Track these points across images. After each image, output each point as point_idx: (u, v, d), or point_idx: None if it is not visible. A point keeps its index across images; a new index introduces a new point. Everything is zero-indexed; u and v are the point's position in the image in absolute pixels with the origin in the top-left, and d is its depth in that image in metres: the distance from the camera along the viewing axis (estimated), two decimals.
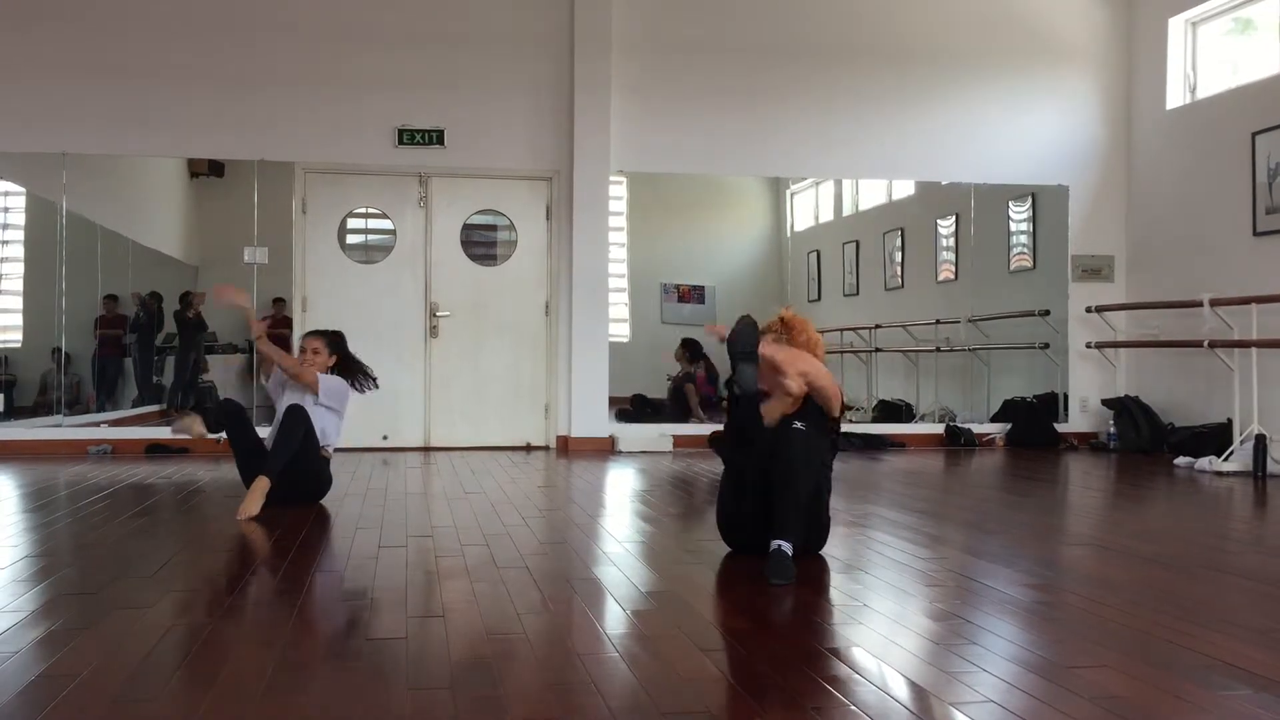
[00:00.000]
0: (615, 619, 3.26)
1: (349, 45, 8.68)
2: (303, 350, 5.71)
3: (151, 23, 8.47)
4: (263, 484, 5.09)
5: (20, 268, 8.75)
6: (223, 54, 8.52)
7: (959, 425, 9.38)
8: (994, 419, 9.55)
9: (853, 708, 2.41)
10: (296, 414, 5.31)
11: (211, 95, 8.49)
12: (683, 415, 9.27)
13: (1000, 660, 2.78)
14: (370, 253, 8.97)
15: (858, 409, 9.83)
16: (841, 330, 9.98)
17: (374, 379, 5.81)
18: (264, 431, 5.62)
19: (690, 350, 9.37)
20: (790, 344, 4.12)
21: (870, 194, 10.11)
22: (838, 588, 3.67)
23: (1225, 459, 7.34)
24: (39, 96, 8.30)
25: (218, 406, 5.69)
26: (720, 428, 7.13)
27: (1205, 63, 9.00)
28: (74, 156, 8.38)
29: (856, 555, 4.25)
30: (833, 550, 4.35)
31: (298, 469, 5.32)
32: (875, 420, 9.64)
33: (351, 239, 8.94)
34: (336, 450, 5.80)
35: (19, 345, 8.71)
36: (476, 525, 4.90)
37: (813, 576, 3.83)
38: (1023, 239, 9.79)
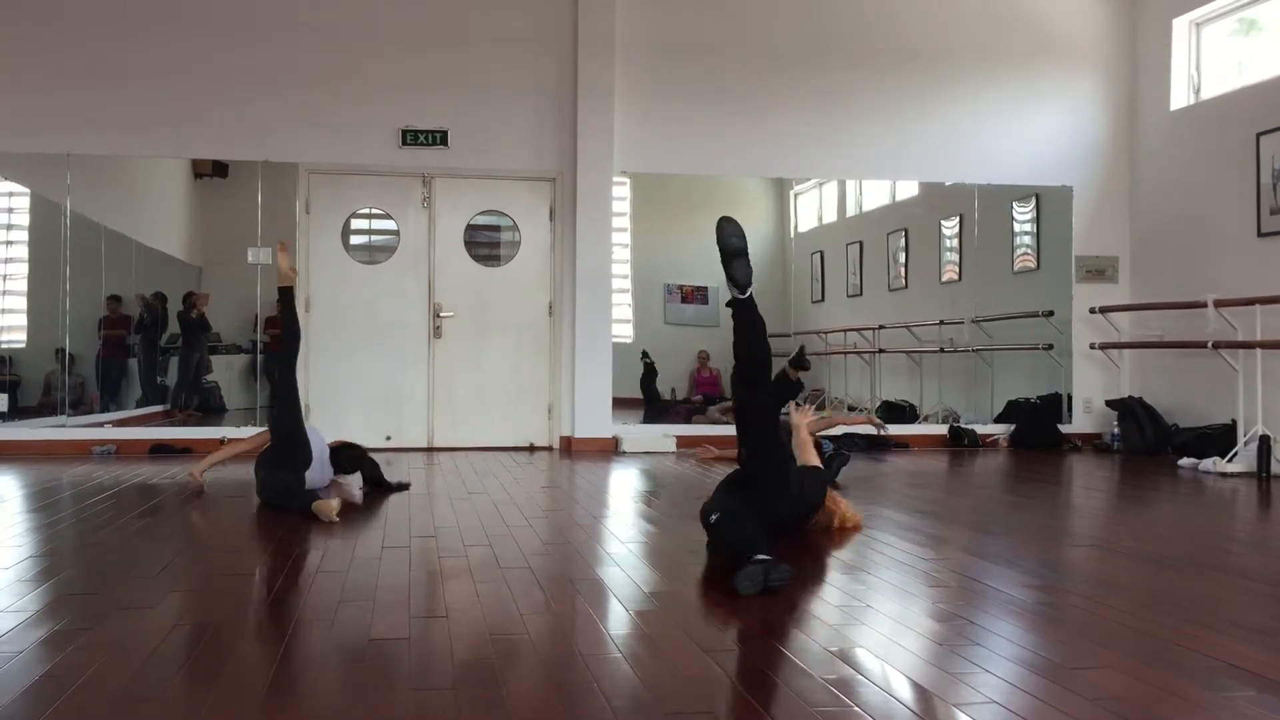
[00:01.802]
0: (618, 619, 3.26)
1: (353, 46, 8.69)
2: None
3: (156, 25, 8.48)
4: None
5: (25, 268, 8.76)
6: (226, 56, 8.53)
7: (962, 426, 9.37)
8: (997, 420, 9.54)
9: (856, 709, 2.41)
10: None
11: (215, 96, 8.50)
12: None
13: (1003, 661, 2.78)
14: (374, 253, 8.98)
15: (861, 410, 9.82)
16: (845, 331, 9.97)
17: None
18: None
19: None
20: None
21: (874, 195, 10.10)
22: (841, 589, 3.66)
23: (1229, 460, 7.33)
24: (44, 98, 8.32)
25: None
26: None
27: (1210, 63, 8.99)
28: (79, 158, 8.39)
29: (860, 556, 4.25)
30: (836, 551, 4.36)
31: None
32: None
33: (355, 239, 8.95)
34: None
35: (23, 345, 8.71)
36: (480, 525, 4.90)
37: (816, 577, 3.83)
38: (1026, 240, 9.78)
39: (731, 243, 4.11)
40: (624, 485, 6.69)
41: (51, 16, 8.36)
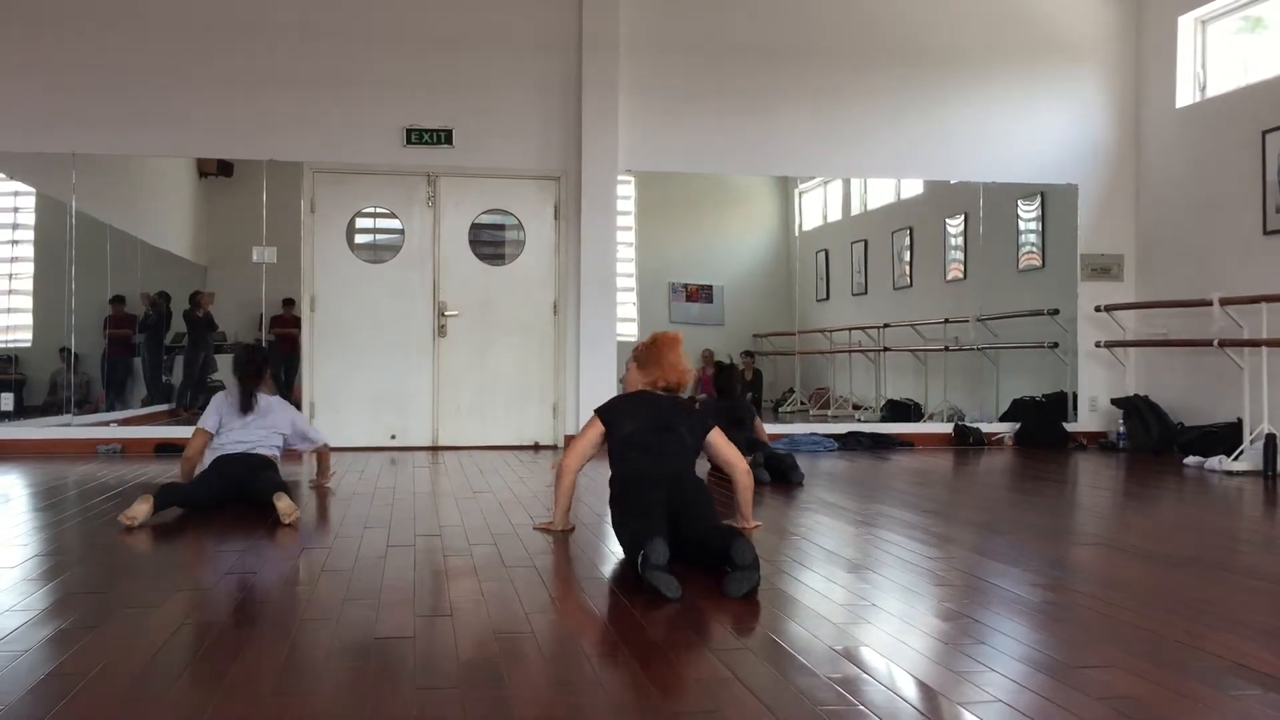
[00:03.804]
0: (623, 618, 3.26)
1: (358, 46, 8.70)
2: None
3: (160, 24, 8.49)
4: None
5: (30, 267, 8.78)
6: (232, 55, 8.54)
7: (968, 425, 9.36)
8: (1003, 418, 9.53)
9: (861, 707, 2.40)
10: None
11: (220, 95, 8.51)
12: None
13: (1009, 660, 2.78)
14: (378, 252, 8.98)
15: (866, 409, 9.83)
16: (850, 329, 9.97)
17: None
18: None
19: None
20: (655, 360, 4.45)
21: (878, 193, 10.10)
22: (846, 587, 3.66)
23: (1235, 458, 7.32)
24: (48, 97, 8.33)
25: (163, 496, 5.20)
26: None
27: (1215, 61, 8.97)
28: (83, 157, 8.41)
29: (865, 555, 4.25)
30: (841, 550, 4.36)
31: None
32: (884, 420, 9.62)
33: (360, 239, 8.95)
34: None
35: (29, 345, 8.74)
36: (484, 524, 4.90)
37: (822, 577, 3.83)
38: (1032, 238, 9.77)
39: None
40: None
41: (56, 16, 8.37)
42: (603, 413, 4.45)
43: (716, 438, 4.48)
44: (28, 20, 8.35)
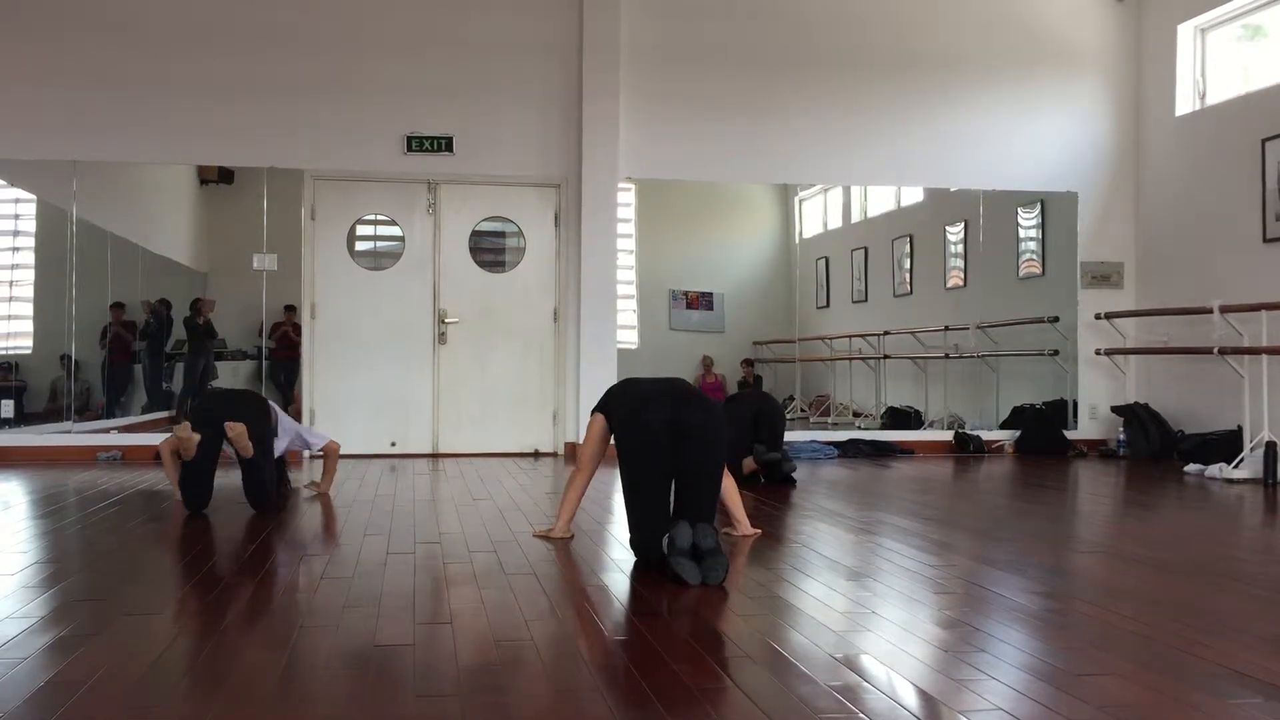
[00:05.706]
0: (624, 626, 3.25)
1: (358, 52, 8.71)
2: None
3: (161, 31, 8.50)
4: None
5: (31, 274, 8.78)
6: (233, 62, 8.55)
7: (968, 432, 9.36)
8: (1003, 426, 9.53)
9: (861, 715, 2.40)
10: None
11: (221, 102, 8.51)
12: None
13: (1009, 668, 2.77)
14: (379, 259, 8.98)
15: (866, 416, 9.83)
16: (850, 337, 9.97)
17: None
18: None
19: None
20: None
21: (879, 200, 10.10)
22: (846, 595, 3.66)
23: (1235, 466, 7.32)
24: (50, 104, 8.34)
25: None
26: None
27: (1215, 69, 8.98)
28: (85, 164, 8.42)
29: (865, 562, 4.24)
30: (842, 558, 4.35)
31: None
32: (884, 427, 9.62)
33: (360, 246, 8.96)
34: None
35: (29, 351, 8.73)
36: (484, 532, 4.90)
37: (822, 584, 3.83)
38: (1032, 245, 9.77)
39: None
40: None
41: (57, 23, 8.39)
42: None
43: None
44: (29, 27, 8.36)
